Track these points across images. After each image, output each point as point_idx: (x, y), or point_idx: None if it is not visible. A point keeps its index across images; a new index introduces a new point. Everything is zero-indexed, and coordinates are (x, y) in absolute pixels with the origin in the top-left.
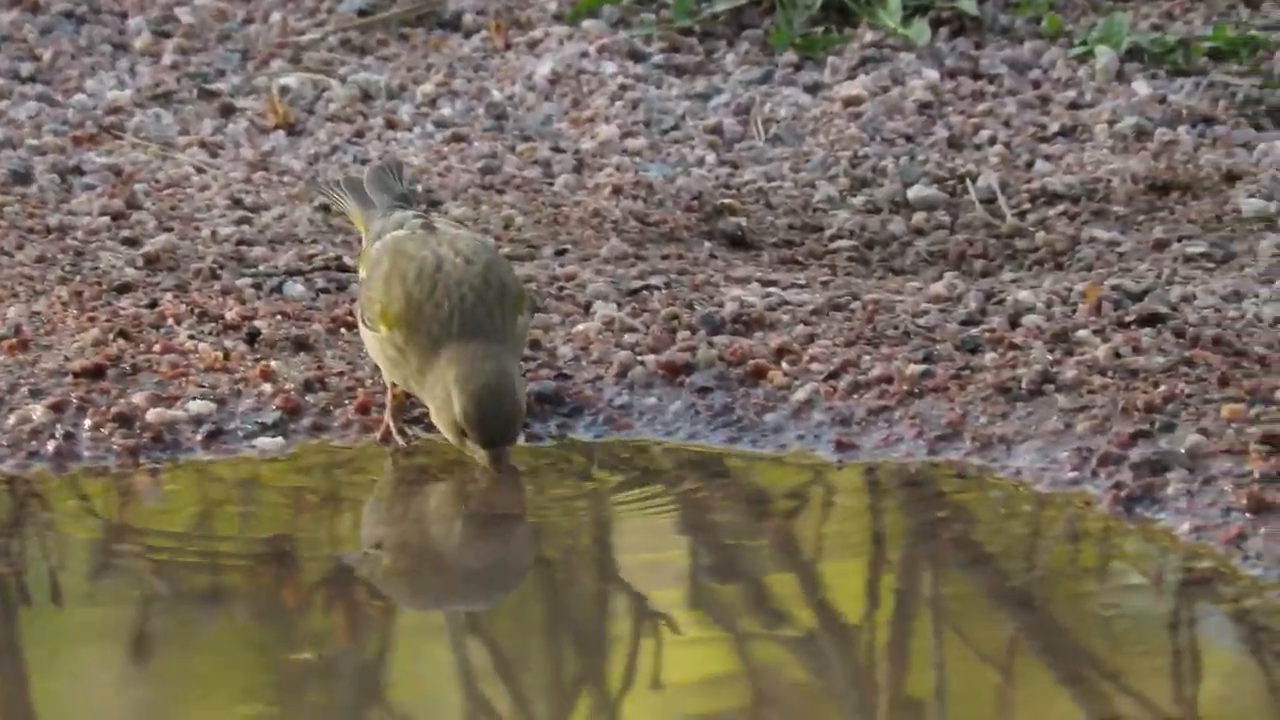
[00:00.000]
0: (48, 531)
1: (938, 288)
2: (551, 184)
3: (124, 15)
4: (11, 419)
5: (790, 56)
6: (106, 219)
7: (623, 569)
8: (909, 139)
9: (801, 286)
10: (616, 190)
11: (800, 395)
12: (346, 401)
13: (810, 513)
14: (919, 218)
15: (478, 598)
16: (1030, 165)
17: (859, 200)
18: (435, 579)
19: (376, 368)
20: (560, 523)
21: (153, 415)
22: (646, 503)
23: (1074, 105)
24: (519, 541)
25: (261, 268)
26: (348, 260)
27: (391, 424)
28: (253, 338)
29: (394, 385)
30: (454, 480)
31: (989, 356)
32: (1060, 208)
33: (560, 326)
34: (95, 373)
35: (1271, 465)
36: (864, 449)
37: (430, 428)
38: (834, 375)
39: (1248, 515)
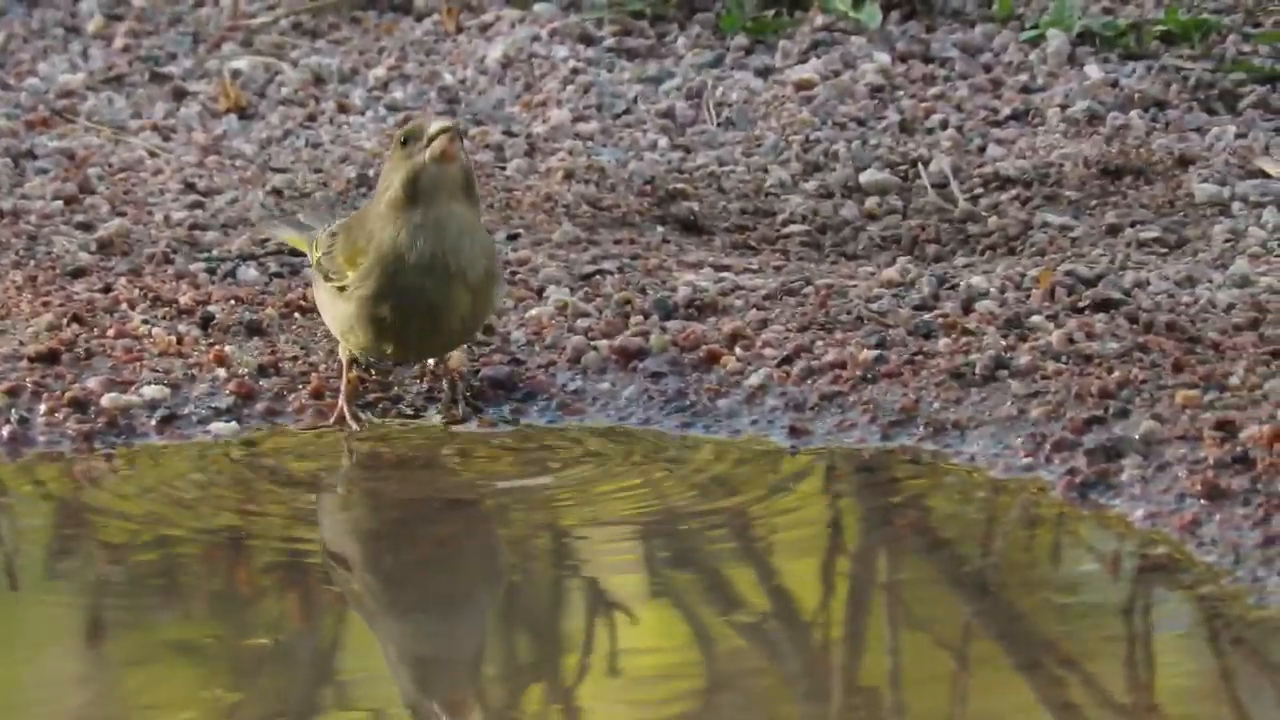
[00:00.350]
0: (2, 516)
1: (890, 273)
2: (504, 168)
3: None
4: None
5: (741, 40)
6: (60, 203)
7: (576, 555)
8: (861, 123)
9: (754, 271)
10: (569, 175)
11: (753, 380)
12: (300, 386)
13: (764, 498)
14: (871, 202)
15: (433, 585)
16: (982, 150)
17: (811, 185)
18: (391, 566)
19: (331, 352)
20: (514, 508)
21: (107, 400)
22: (600, 488)
23: (1025, 89)
24: (474, 528)
25: (215, 252)
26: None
27: (346, 408)
28: (206, 322)
29: (349, 369)
30: (410, 466)
31: (942, 342)
32: (1013, 192)
33: (513, 311)
34: (49, 357)
35: (1225, 451)
36: (817, 434)
37: (383, 413)
38: (787, 360)
39: (1202, 501)
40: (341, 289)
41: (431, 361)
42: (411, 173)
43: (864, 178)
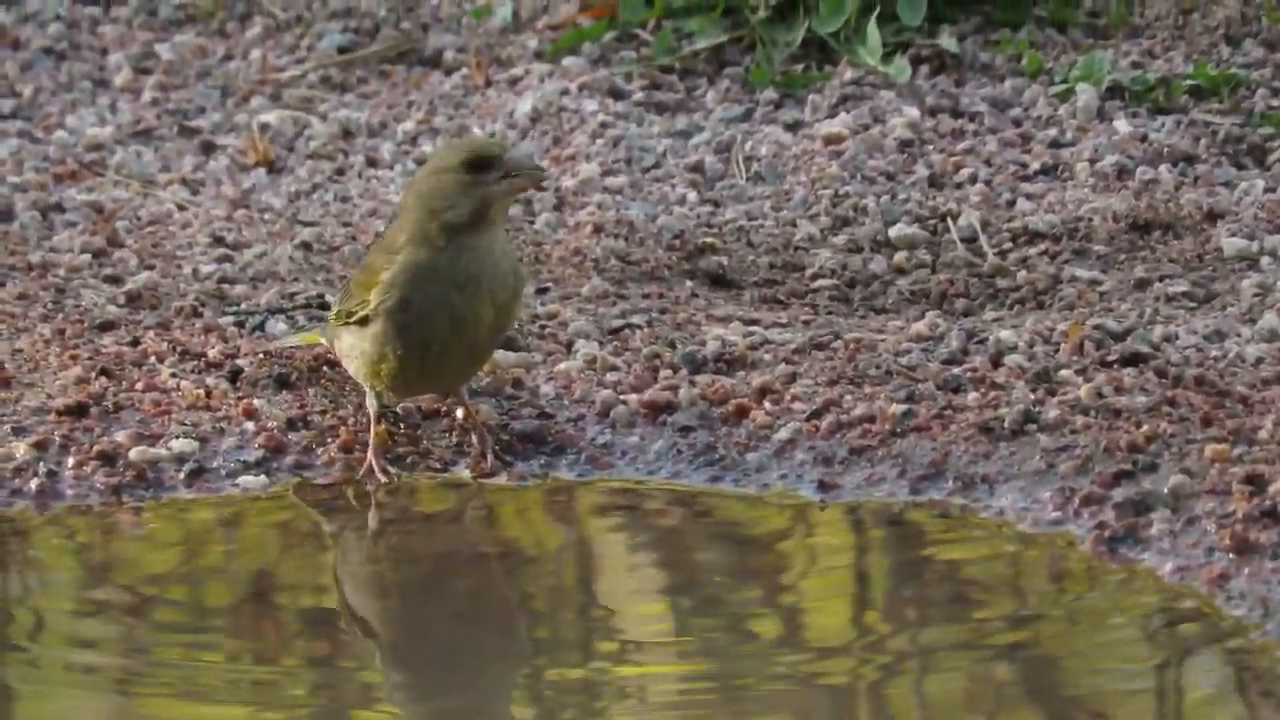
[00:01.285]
0: (30, 570)
1: (919, 327)
2: (533, 222)
3: (104, 51)
4: None
5: (770, 94)
6: (88, 256)
7: (607, 607)
8: (890, 177)
9: (783, 325)
10: (598, 228)
11: (783, 434)
12: (329, 440)
13: (793, 552)
14: (900, 256)
15: (466, 636)
16: (1011, 204)
17: (840, 239)
18: (417, 620)
19: (359, 405)
20: (545, 561)
21: (135, 453)
22: (632, 542)
23: (1055, 143)
24: (503, 580)
25: (243, 305)
26: (329, 298)
27: (375, 461)
28: (235, 376)
29: (377, 422)
30: (437, 519)
31: (971, 396)
32: (1042, 246)
33: (542, 365)
34: (78, 410)
35: (1254, 505)
36: (846, 488)
37: (412, 466)
38: (816, 414)
39: (1230, 555)
40: (364, 321)
41: (460, 414)
42: (485, 201)
43: (893, 232)
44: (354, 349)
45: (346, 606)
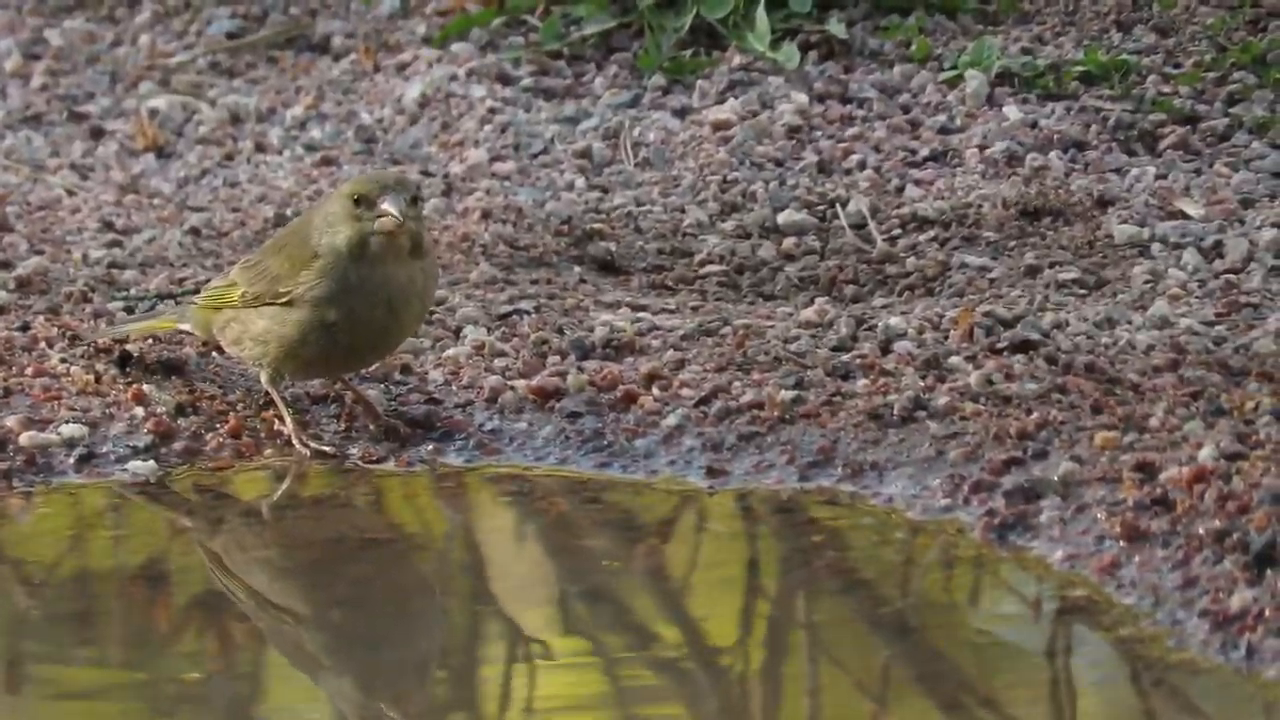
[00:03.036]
0: None
1: (808, 313)
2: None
3: None
4: None
5: (659, 80)
6: None
7: (495, 594)
8: (778, 163)
9: (671, 311)
10: (486, 214)
11: (671, 420)
12: (218, 425)
13: (682, 539)
14: (789, 243)
15: (352, 622)
16: (900, 190)
17: (729, 225)
18: (310, 603)
19: (249, 390)
20: (433, 548)
21: (25, 439)
22: (520, 529)
23: (944, 130)
24: (393, 566)
25: (133, 291)
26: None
27: (297, 436)
28: (124, 361)
29: (284, 404)
30: (325, 504)
31: (860, 383)
32: (931, 233)
33: (430, 351)
34: None
35: (1145, 493)
36: (735, 475)
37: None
38: (704, 401)
39: (1121, 543)
40: (289, 303)
41: (349, 397)
42: (359, 236)
43: (781, 218)
44: (269, 332)
45: (235, 592)
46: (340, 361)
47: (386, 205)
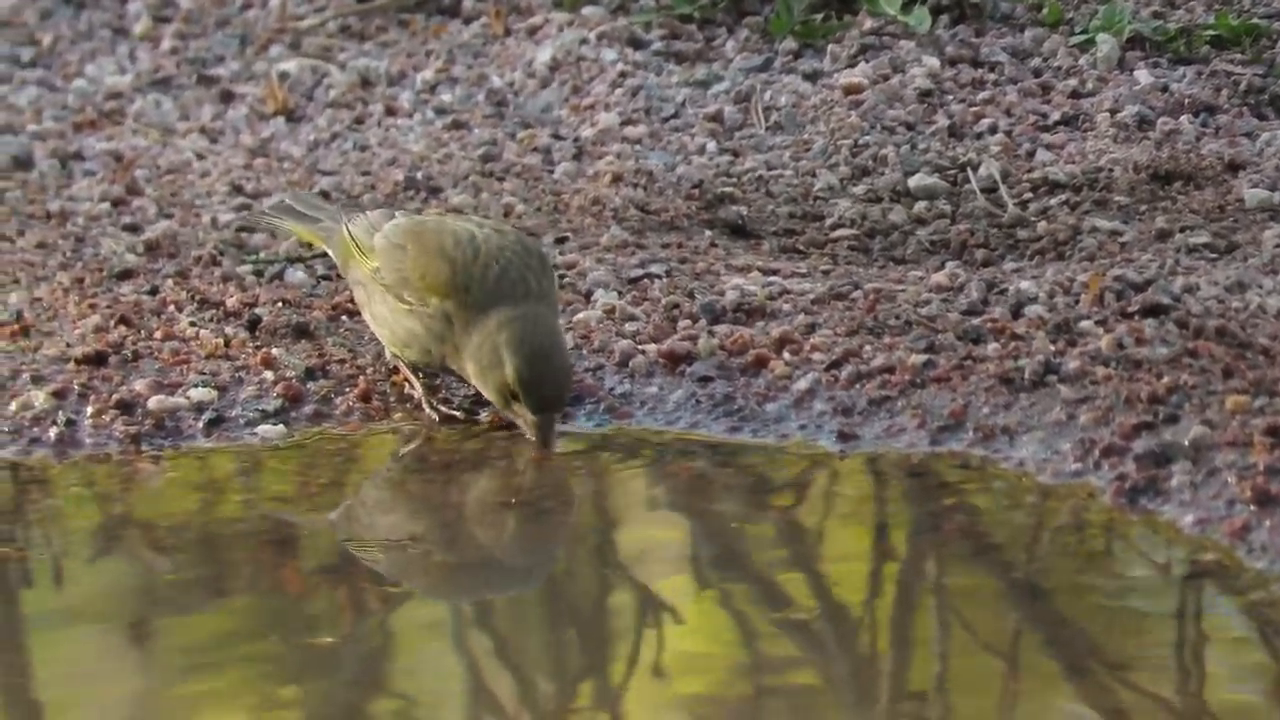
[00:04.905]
0: (49, 518)
1: (939, 277)
2: (551, 172)
3: (123, 0)
4: (13, 405)
5: (790, 44)
6: (107, 205)
7: (626, 557)
8: (909, 127)
9: (802, 275)
10: (617, 178)
11: (802, 385)
12: (348, 389)
13: (813, 503)
14: (920, 207)
15: (484, 585)
16: (1031, 154)
17: (860, 189)
18: (440, 566)
19: (378, 355)
20: (563, 512)
21: (154, 402)
22: (649, 493)
23: (1075, 94)
24: (523, 529)
25: (262, 254)
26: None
27: (426, 401)
28: (254, 325)
29: (413, 370)
30: (455, 467)
31: (991, 347)
32: (1062, 197)
33: (561, 315)
34: (97, 359)
35: (1276, 457)
36: (866, 439)
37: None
38: (835, 365)
39: (1252, 507)
40: (411, 310)
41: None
42: (501, 401)
43: (912, 182)
44: (384, 320)
45: (364, 556)
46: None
47: (535, 438)
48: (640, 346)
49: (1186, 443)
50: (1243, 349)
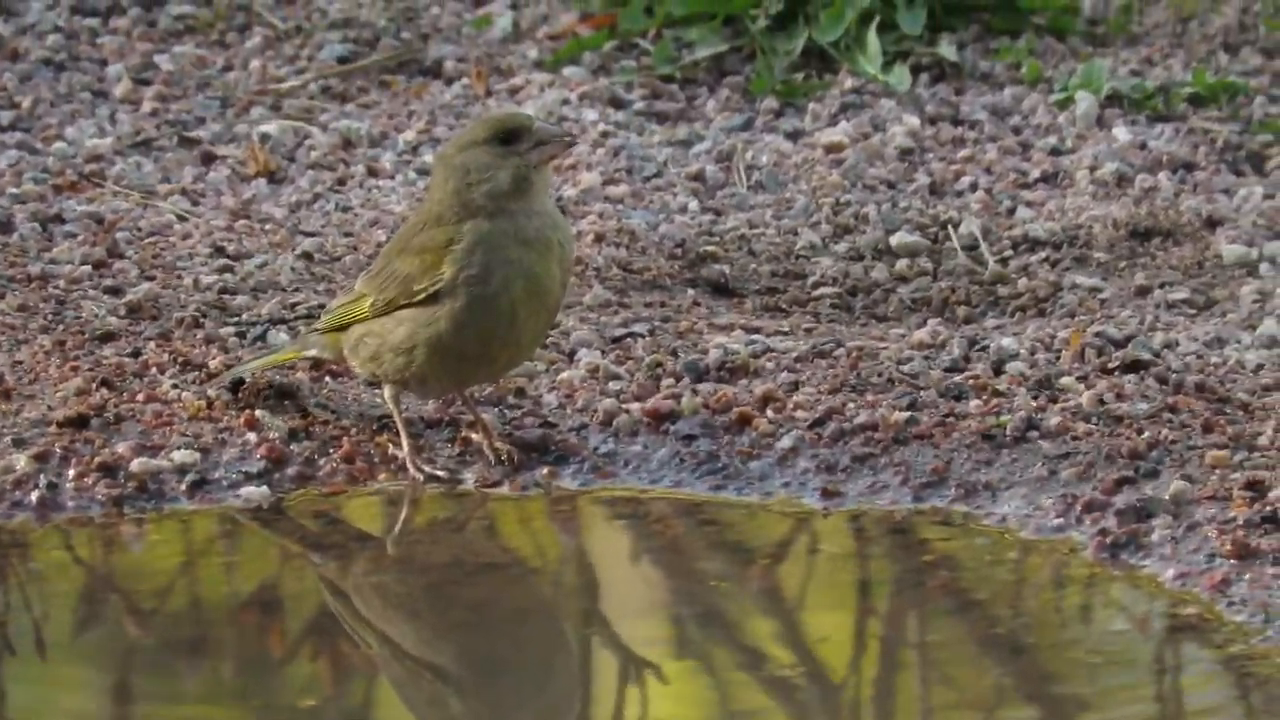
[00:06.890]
0: (31, 582)
1: (921, 334)
2: None
3: (103, 62)
4: None
5: (771, 103)
6: (88, 267)
7: (609, 617)
8: (890, 185)
9: (785, 334)
10: (599, 238)
11: (785, 442)
12: (332, 450)
13: (796, 560)
14: (902, 264)
15: (467, 646)
16: (1012, 212)
17: (841, 247)
18: (424, 628)
19: (361, 415)
20: (548, 572)
21: (137, 465)
22: (635, 552)
23: (1055, 151)
24: (507, 590)
25: (244, 316)
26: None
27: (411, 461)
28: (236, 387)
29: (405, 426)
30: (440, 528)
31: (973, 403)
32: (1042, 254)
33: (545, 374)
34: (79, 422)
35: (1255, 511)
36: (849, 496)
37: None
38: (818, 423)
39: (1232, 561)
40: (433, 296)
41: (465, 420)
42: (520, 169)
43: (894, 240)
44: (413, 337)
45: (348, 618)
46: (499, 345)
47: (546, 127)
48: (624, 405)
49: (1167, 497)
50: (1222, 404)
